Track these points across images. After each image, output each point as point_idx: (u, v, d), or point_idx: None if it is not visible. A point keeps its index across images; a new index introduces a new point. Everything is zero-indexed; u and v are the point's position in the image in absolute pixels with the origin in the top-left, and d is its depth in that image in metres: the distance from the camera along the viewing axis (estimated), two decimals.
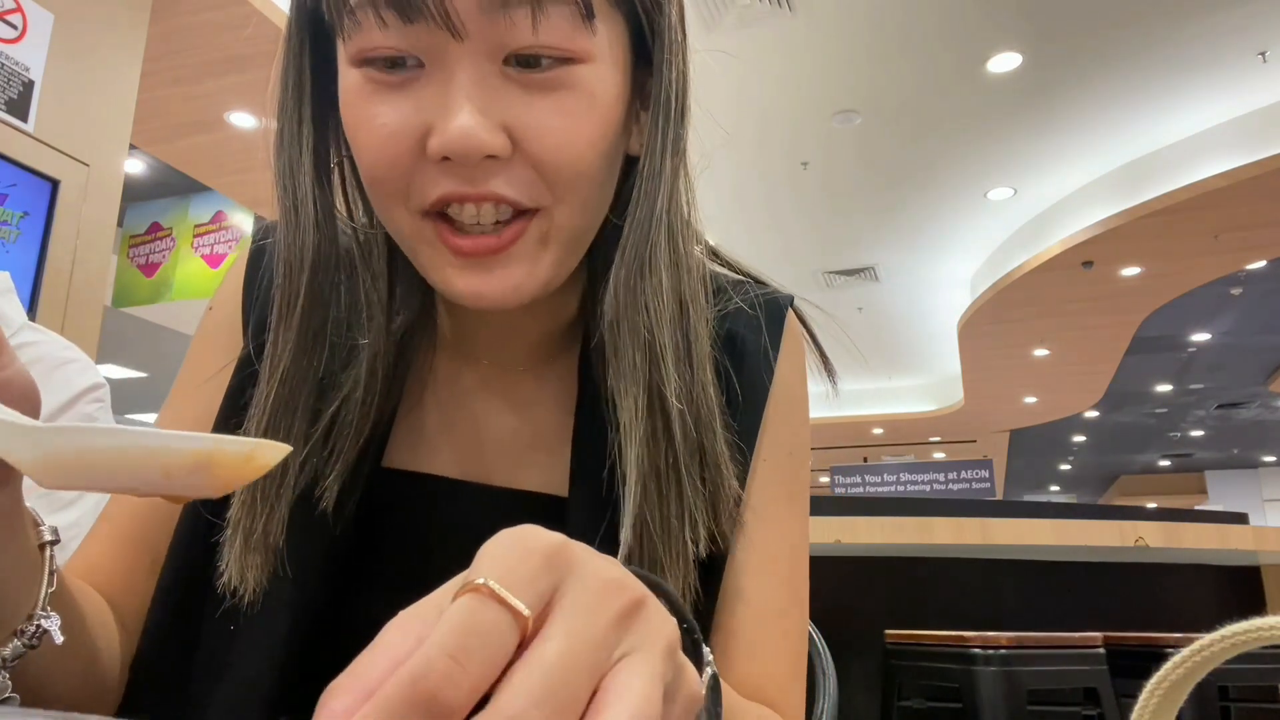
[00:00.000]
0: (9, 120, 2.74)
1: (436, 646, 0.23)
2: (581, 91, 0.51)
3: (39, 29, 2.84)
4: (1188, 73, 5.90)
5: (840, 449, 15.02)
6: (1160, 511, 4.21)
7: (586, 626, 0.26)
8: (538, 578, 0.26)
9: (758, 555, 0.62)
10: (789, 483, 0.66)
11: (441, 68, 0.49)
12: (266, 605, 0.56)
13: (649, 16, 0.55)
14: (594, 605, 0.27)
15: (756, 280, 0.71)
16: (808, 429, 0.69)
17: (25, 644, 0.44)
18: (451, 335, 0.65)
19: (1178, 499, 17.66)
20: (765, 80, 5.92)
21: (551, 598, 0.26)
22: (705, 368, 0.59)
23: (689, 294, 0.58)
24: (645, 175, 0.55)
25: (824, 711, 0.98)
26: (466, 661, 0.23)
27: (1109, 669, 2.64)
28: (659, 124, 0.55)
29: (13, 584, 0.44)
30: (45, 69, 2.85)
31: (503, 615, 0.24)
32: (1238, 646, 0.39)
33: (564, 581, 0.27)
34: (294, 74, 0.56)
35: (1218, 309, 9.11)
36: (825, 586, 3.54)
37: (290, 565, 0.56)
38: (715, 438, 0.58)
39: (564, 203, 0.52)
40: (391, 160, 0.50)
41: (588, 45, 0.51)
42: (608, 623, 0.26)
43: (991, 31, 5.43)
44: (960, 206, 7.87)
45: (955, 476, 12.40)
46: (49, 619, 0.45)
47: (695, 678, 0.31)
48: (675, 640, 0.29)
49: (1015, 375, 10.96)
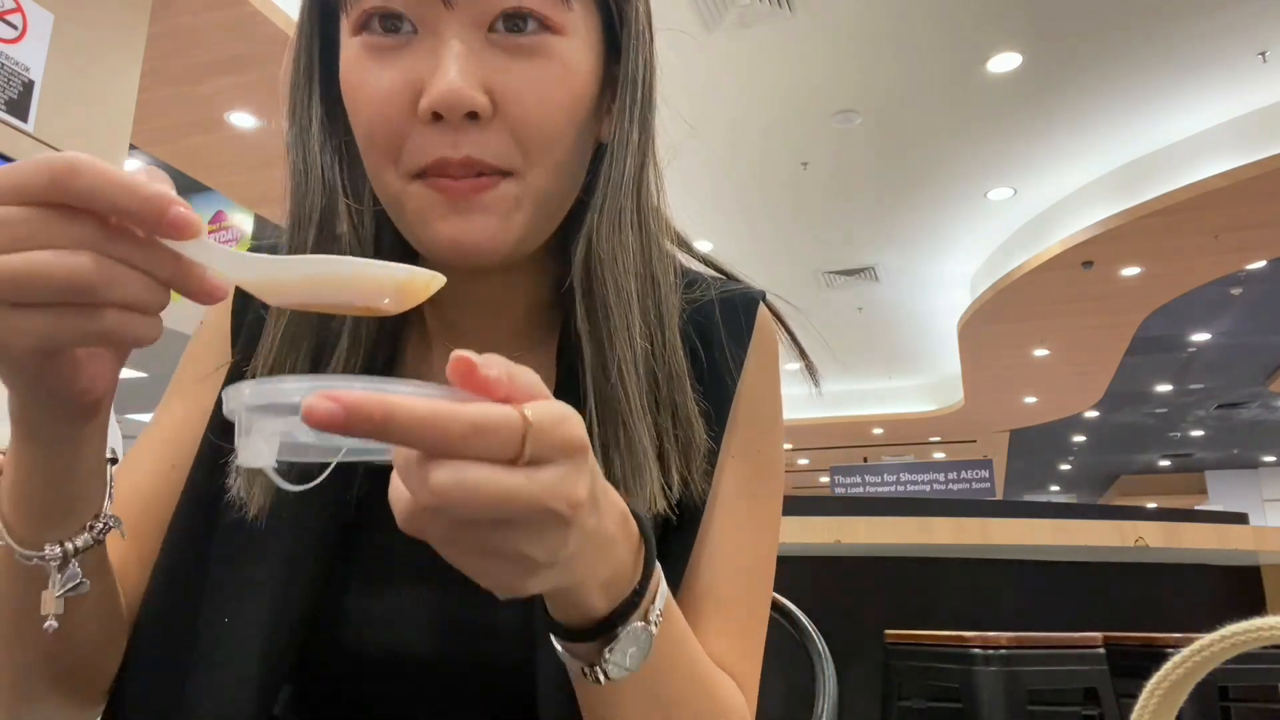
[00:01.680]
0: (9, 120, 2.74)
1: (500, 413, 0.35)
2: (557, 60, 0.57)
3: (39, 29, 2.85)
4: (1188, 73, 5.90)
5: (840, 449, 15.02)
6: (1160, 511, 4.21)
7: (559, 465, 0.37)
8: (557, 441, 0.36)
9: (726, 546, 0.64)
10: (758, 475, 0.67)
11: (432, 34, 0.55)
12: (261, 594, 0.58)
13: (618, 5, 0.61)
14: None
15: (728, 276, 0.73)
16: (780, 423, 0.70)
17: (93, 538, 0.50)
18: (435, 326, 0.68)
19: (1178, 499, 17.68)
20: (765, 80, 5.92)
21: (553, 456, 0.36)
22: (676, 335, 0.63)
23: (659, 268, 0.63)
24: (614, 146, 0.61)
25: (824, 711, 0.98)
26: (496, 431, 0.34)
27: (1109, 669, 2.64)
28: (625, 104, 0.61)
29: (90, 483, 0.50)
30: (45, 69, 2.85)
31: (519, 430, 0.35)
32: (1238, 646, 0.40)
33: (571, 460, 0.37)
34: (305, 57, 0.62)
35: (1218, 309, 9.11)
36: (825, 586, 3.54)
37: (285, 554, 0.59)
38: (686, 396, 0.61)
39: (537, 166, 0.57)
40: (386, 118, 0.55)
41: (565, 19, 0.57)
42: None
43: (991, 31, 5.43)
44: (960, 206, 7.88)
45: (955, 476, 12.41)
46: (113, 519, 0.51)
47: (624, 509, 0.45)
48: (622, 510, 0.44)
49: (1015, 375, 10.96)
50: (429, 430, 0.33)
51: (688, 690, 0.54)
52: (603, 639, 0.46)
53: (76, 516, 0.50)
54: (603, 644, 0.46)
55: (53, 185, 0.37)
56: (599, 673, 0.46)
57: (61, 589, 0.48)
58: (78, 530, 0.50)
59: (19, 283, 0.37)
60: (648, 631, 0.47)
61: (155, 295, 0.40)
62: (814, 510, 3.31)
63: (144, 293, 0.39)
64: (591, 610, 0.45)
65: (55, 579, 0.48)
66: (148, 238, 0.39)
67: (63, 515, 0.49)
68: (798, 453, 15.89)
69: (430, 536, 0.36)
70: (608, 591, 0.45)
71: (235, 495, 0.59)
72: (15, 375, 0.42)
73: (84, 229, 0.37)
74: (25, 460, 0.47)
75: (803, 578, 3.24)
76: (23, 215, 0.37)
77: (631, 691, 0.50)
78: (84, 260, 0.37)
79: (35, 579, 0.49)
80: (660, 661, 0.49)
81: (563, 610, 0.46)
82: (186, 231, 0.39)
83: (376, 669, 0.60)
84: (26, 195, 0.37)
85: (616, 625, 0.46)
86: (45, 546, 0.48)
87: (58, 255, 0.37)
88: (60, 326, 0.38)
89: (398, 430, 0.33)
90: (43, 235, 0.37)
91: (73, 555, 0.49)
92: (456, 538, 0.36)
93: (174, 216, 0.38)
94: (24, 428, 0.46)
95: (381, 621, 0.60)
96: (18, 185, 0.37)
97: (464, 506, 0.34)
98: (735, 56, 5.63)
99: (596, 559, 0.43)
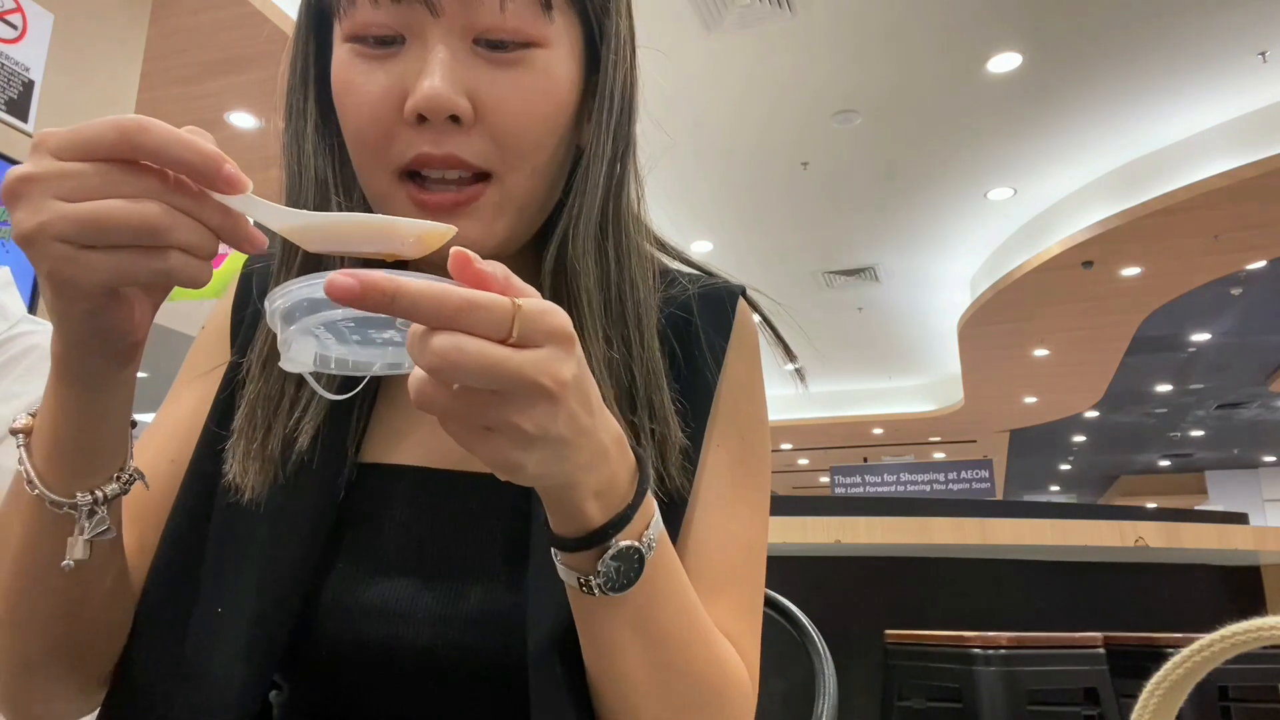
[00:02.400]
0: (9, 120, 2.74)
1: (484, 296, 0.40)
2: (539, 71, 0.59)
3: (39, 29, 2.85)
4: (1188, 73, 5.90)
5: (840, 449, 15.02)
6: (1160, 511, 4.21)
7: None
8: (544, 327, 0.42)
9: (716, 533, 0.65)
10: (745, 465, 0.68)
11: (421, 42, 0.58)
12: (252, 584, 0.60)
13: (599, 19, 0.63)
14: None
15: (708, 273, 0.74)
16: (763, 413, 0.71)
17: (119, 488, 0.54)
18: None
19: (1178, 499, 17.66)
20: (765, 80, 5.92)
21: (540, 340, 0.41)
22: (653, 336, 0.65)
23: (638, 272, 0.65)
24: (589, 157, 0.63)
25: (824, 711, 0.98)
26: (486, 308, 0.40)
27: (1109, 669, 2.64)
28: (602, 116, 0.63)
29: (117, 435, 0.53)
30: (45, 69, 2.85)
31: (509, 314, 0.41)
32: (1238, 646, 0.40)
33: (558, 345, 0.42)
34: (301, 61, 0.65)
35: (1218, 309, 9.11)
36: (825, 586, 3.55)
37: (277, 544, 0.61)
38: (664, 395, 0.63)
39: (516, 170, 0.59)
40: (374, 119, 0.58)
41: (546, 31, 0.59)
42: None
43: (991, 31, 5.43)
44: (960, 206, 7.87)
45: (955, 476, 12.40)
46: (137, 472, 0.55)
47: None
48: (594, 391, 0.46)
49: (1015, 375, 10.96)
50: (429, 302, 0.39)
51: (682, 630, 0.56)
52: (597, 549, 0.50)
53: (104, 468, 0.53)
54: (597, 555, 0.50)
55: (123, 141, 0.43)
56: (593, 584, 0.51)
57: (90, 533, 0.52)
58: (105, 480, 0.53)
59: (94, 227, 0.42)
60: (639, 552, 0.51)
61: (208, 241, 0.46)
62: (814, 510, 3.31)
63: (200, 239, 0.45)
64: (587, 520, 0.49)
65: (84, 525, 0.52)
66: (200, 191, 0.45)
67: (91, 465, 0.52)
68: (798, 453, 15.89)
69: (436, 409, 0.41)
70: (601, 502, 0.49)
71: (231, 480, 0.61)
72: (73, 310, 0.46)
73: (150, 181, 0.43)
74: (61, 405, 0.51)
75: (803, 578, 3.25)
76: (94, 169, 0.43)
77: (626, 617, 0.53)
78: (152, 208, 0.43)
79: (61, 531, 0.52)
80: (654, 592, 0.53)
81: (561, 521, 0.50)
82: (236, 186, 0.45)
83: (369, 660, 0.61)
84: (94, 151, 0.43)
85: (610, 536, 0.50)
86: (76, 494, 0.52)
87: (130, 203, 0.43)
88: (130, 265, 0.44)
89: (404, 302, 0.38)
90: (113, 186, 0.43)
91: (101, 503, 0.52)
92: (458, 410, 0.41)
93: (227, 173, 0.44)
94: (65, 369, 0.50)
95: (375, 612, 0.61)
96: (86, 142, 0.43)
97: (459, 370, 0.39)
98: (735, 57, 5.63)
99: (589, 460, 0.47)
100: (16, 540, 0.54)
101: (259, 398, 0.63)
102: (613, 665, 0.55)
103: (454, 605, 0.60)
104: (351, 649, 0.60)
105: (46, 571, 0.53)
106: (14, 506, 0.54)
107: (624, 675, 0.55)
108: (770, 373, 0.75)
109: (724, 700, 0.58)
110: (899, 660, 2.86)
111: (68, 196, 0.42)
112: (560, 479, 0.47)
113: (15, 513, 0.54)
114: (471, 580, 0.61)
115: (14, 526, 0.54)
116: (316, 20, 0.64)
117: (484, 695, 0.61)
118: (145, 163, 0.43)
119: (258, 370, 0.64)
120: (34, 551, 0.54)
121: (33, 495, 0.52)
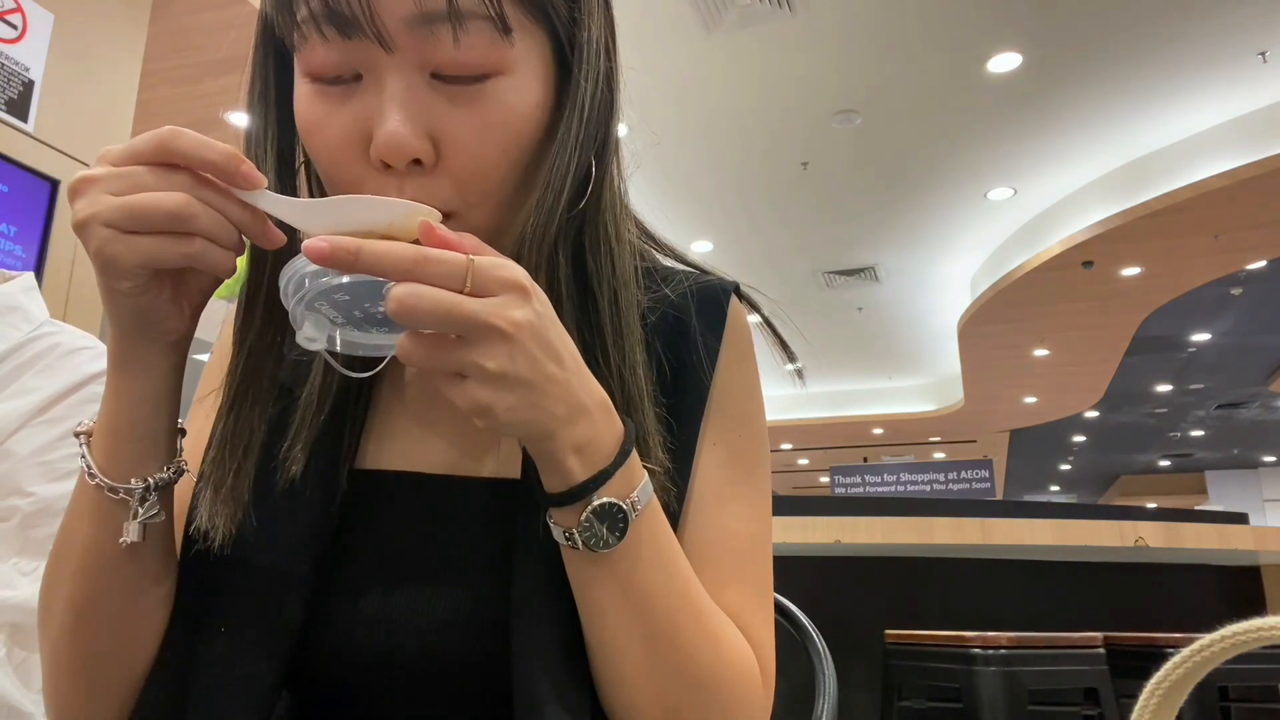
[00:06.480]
0: (9, 120, 2.74)
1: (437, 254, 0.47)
2: (499, 103, 0.57)
3: (39, 29, 2.85)
4: (1188, 73, 5.90)
5: (840, 449, 15.02)
6: (1160, 511, 4.21)
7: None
8: (497, 278, 0.48)
9: (715, 533, 0.64)
10: (742, 462, 0.68)
11: (376, 79, 0.56)
12: (248, 599, 0.61)
13: (567, 31, 0.61)
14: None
15: (700, 270, 0.74)
16: (760, 409, 0.71)
17: (169, 476, 0.59)
18: None
19: (1178, 499, 17.67)
20: (765, 80, 5.92)
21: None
22: (635, 349, 0.63)
23: (618, 282, 0.63)
24: (553, 170, 0.60)
25: (824, 711, 0.98)
26: (437, 263, 0.47)
27: (1109, 669, 2.64)
28: (572, 125, 0.60)
29: (167, 427, 0.59)
30: (45, 69, 2.85)
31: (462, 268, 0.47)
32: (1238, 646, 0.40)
33: (511, 293, 0.48)
34: (259, 83, 0.64)
35: (1218, 309, 9.11)
36: (825, 586, 3.54)
37: (276, 562, 0.61)
38: (645, 416, 0.62)
39: (478, 208, 0.59)
40: (340, 164, 0.58)
41: (507, 55, 0.57)
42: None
43: (991, 31, 5.43)
44: (960, 206, 7.87)
45: (955, 476, 12.40)
46: (184, 462, 0.60)
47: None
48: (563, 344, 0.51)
49: (1015, 375, 10.96)
50: (387, 258, 0.46)
51: (671, 599, 0.56)
52: (580, 503, 0.53)
53: (155, 457, 0.58)
54: (580, 509, 0.53)
55: (160, 146, 0.51)
56: (576, 539, 0.54)
57: (144, 516, 0.57)
58: (156, 469, 0.58)
59: (132, 214, 0.50)
60: (622, 511, 0.54)
61: (230, 232, 0.52)
62: (814, 510, 3.31)
63: (222, 229, 0.52)
64: (569, 474, 0.53)
65: (137, 509, 0.57)
66: (225, 189, 0.52)
67: (143, 453, 0.58)
68: (798, 453, 15.89)
69: (414, 359, 0.47)
70: (582, 458, 0.53)
71: (199, 526, 0.61)
72: (119, 286, 0.52)
73: (179, 178, 0.51)
74: (115, 395, 0.57)
75: (803, 578, 3.25)
76: (139, 170, 0.51)
77: (613, 578, 0.55)
78: (181, 198, 0.50)
79: (119, 520, 0.57)
80: (639, 556, 0.55)
81: (548, 476, 0.54)
82: (251, 182, 0.52)
83: (367, 670, 0.61)
84: (140, 157, 0.51)
85: (590, 491, 0.53)
86: (130, 479, 0.57)
87: (162, 195, 0.50)
88: (162, 248, 0.51)
89: (367, 258, 0.46)
90: (151, 183, 0.51)
91: (152, 490, 0.58)
92: (431, 357, 0.47)
93: (244, 170, 0.51)
94: (118, 358, 0.56)
95: (373, 620, 0.61)
96: (134, 151, 0.51)
97: (417, 313, 0.46)
98: (735, 57, 5.64)
99: (566, 414, 0.51)
100: (82, 538, 0.58)
101: (228, 436, 0.62)
102: (602, 629, 0.56)
103: (452, 611, 0.61)
104: (351, 657, 0.61)
105: (111, 563, 0.58)
106: (78, 506, 0.59)
107: (611, 641, 0.56)
108: (770, 373, 0.75)
109: (720, 682, 0.58)
110: (899, 660, 2.86)
111: (115, 192, 0.50)
112: (536, 429, 0.51)
113: (79, 512, 0.59)
114: (466, 585, 0.61)
115: (80, 525, 0.59)
116: (275, 46, 0.63)
117: (483, 700, 0.61)
118: (180, 165, 0.51)
119: (225, 407, 0.62)
120: (98, 546, 0.58)
121: (92, 487, 0.57)
